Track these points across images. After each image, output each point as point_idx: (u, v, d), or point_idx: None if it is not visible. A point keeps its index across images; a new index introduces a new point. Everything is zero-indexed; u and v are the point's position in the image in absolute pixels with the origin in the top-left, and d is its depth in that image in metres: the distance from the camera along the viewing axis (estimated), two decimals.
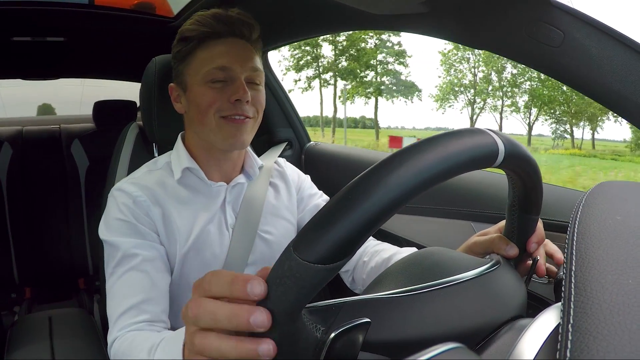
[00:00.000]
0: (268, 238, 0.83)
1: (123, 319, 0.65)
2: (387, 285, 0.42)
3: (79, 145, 1.81)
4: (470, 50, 18.63)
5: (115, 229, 0.71)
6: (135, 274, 0.68)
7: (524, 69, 18.26)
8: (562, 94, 19.76)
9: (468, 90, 21.18)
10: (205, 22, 0.74)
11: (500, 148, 0.36)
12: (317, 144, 1.60)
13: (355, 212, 0.29)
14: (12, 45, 1.49)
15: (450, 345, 0.28)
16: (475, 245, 0.56)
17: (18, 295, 1.82)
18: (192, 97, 0.75)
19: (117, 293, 0.68)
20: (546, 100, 20.22)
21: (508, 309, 0.42)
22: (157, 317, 0.67)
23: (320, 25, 1.17)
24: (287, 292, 0.30)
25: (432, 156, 0.31)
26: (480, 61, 20.42)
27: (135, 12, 1.40)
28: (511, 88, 20.46)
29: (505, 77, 20.52)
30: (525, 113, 20.75)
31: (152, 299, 0.67)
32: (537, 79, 19.47)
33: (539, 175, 0.44)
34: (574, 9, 0.60)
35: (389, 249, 0.79)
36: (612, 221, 0.33)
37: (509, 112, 21.27)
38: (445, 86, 21.09)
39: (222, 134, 0.74)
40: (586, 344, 0.23)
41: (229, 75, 0.73)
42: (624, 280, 0.26)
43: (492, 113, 21.04)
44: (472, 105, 21.33)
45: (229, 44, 0.74)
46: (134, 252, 0.69)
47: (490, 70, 20.31)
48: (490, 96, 20.65)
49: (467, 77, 21.06)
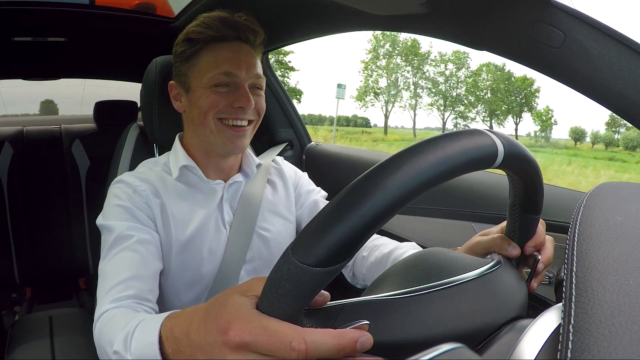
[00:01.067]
0: (265, 235, 0.83)
1: (110, 294, 0.62)
2: (387, 286, 0.42)
3: (79, 146, 1.81)
4: (389, 59, 26.45)
5: (112, 214, 0.71)
6: (127, 253, 0.67)
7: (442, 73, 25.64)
8: (471, 94, 26.61)
9: (384, 93, 28.04)
10: (212, 24, 0.74)
11: (500, 149, 0.36)
12: (318, 144, 1.60)
13: (354, 215, 0.29)
14: (12, 46, 1.49)
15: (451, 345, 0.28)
16: (477, 245, 0.56)
17: (19, 295, 1.82)
18: (194, 98, 0.76)
19: (108, 272, 0.66)
20: (453, 100, 27.25)
21: (509, 310, 0.42)
22: (144, 295, 0.64)
23: (321, 26, 1.17)
24: (286, 295, 0.30)
25: (430, 158, 0.31)
26: (393, 69, 26.99)
27: (136, 13, 1.40)
28: (415, 90, 27.62)
29: (419, 82, 27.91)
30: (431, 110, 28.36)
31: (141, 277, 0.66)
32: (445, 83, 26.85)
33: (539, 174, 0.43)
34: (575, 10, 0.60)
35: (388, 243, 0.80)
36: (613, 222, 0.33)
37: (424, 109, 28.72)
38: (362, 89, 27.64)
39: (221, 138, 0.75)
40: (587, 345, 0.23)
41: (234, 82, 0.74)
42: (625, 281, 0.26)
43: (408, 110, 28.79)
44: (387, 104, 28.07)
45: (234, 49, 0.75)
46: (127, 234, 0.68)
47: (397, 76, 27.31)
48: (398, 97, 27.79)
49: (383, 82, 28.23)
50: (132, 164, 0.97)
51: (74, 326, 1.08)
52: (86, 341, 1.02)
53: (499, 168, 0.39)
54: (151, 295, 0.67)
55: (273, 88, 1.58)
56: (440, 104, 28.24)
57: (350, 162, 1.40)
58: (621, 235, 0.31)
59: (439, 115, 27.90)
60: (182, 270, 0.75)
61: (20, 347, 0.97)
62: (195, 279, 0.76)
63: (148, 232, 0.72)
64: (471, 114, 29.25)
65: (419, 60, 28.66)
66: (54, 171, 1.79)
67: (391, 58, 27.84)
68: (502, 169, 0.40)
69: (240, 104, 0.73)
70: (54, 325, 1.05)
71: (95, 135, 1.84)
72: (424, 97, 28.41)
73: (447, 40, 0.81)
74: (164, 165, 0.81)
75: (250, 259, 0.81)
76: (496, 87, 29.03)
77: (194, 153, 0.80)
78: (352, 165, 1.38)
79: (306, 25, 1.21)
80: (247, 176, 0.86)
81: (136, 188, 0.74)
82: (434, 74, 28.31)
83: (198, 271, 0.76)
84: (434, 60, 29.28)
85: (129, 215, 0.71)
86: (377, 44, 27.60)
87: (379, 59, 27.17)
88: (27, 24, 1.35)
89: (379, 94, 27.78)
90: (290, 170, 0.96)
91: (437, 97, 28.50)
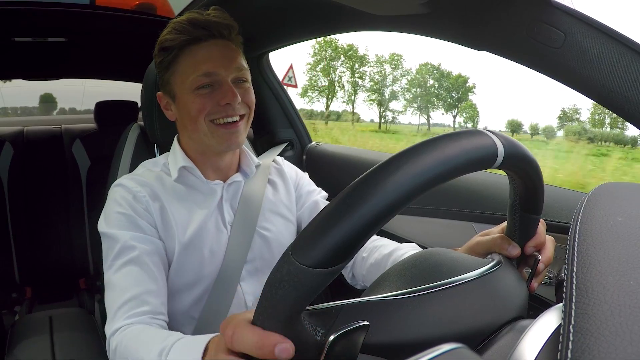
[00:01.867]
0: (266, 235, 0.83)
1: (124, 309, 0.64)
2: (387, 287, 0.42)
3: (80, 146, 1.81)
4: (336, 60, 31.50)
5: (114, 221, 0.72)
6: (134, 268, 0.68)
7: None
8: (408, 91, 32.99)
9: (324, 90, 32.29)
10: (182, 29, 0.74)
11: (500, 149, 0.36)
12: (318, 144, 1.60)
13: (353, 216, 0.29)
14: (13, 46, 1.49)
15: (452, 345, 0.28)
16: (477, 245, 0.56)
17: (19, 295, 1.82)
18: (181, 105, 0.76)
19: (117, 285, 0.67)
20: (390, 96, 33.25)
21: (509, 310, 0.42)
22: (158, 309, 0.67)
23: (321, 26, 1.17)
24: (286, 296, 0.30)
25: (430, 159, 0.31)
26: (331, 70, 32.08)
27: (136, 13, 1.40)
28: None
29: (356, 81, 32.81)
30: (371, 105, 33.42)
31: (153, 292, 0.67)
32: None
33: (539, 174, 0.43)
34: (575, 10, 0.60)
35: (388, 244, 0.80)
36: (613, 222, 0.33)
37: (366, 104, 33.65)
38: (306, 87, 32.12)
39: (215, 138, 0.75)
40: (587, 345, 0.23)
41: (215, 80, 0.74)
42: (625, 281, 0.26)
43: (348, 105, 33.79)
44: (327, 98, 32.12)
45: (210, 48, 0.74)
46: (132, 244, 0.69)
47: (335, 76, 32.19)
48: (335, 94, 32.30)
49: (324, 82, 32.56)
50: (133, 164, 0.97)
51: (74, 326, 1.08)
52: (86, 341, 1.02)
53: (499, 168, 0.39)
54: (163, 308, 0.69)
55: (273, 88, 1.58)
56: (377, 100, 33.01)
57: (351, 162, 1.40)
58: (621, 236, 0.31)
59: (378, 110, 32.91)
60: (183, 271, 0.75)
61: (20, 346, 0.97)
62: (196, 279, 0.76)
63: (151, 242, 0.72)
64: (403, 107, 34.51)
65: (357, 61, 32.88)
66: (54, 171, 1.79)
67: (332, 60, 32.39)
68: (503, 169, 0.40)
69: (226, 101, 0.73)
70: (54, 325, 1.05)
71: (95, 135, 1.84)
72: (360, 94, 33.20)
73: (447, 41, 0.81)
74: (163, 166, 0.81)
75: (252, 259, 0.81)
76: (432, 84, 33.73)
77: (191, 154, 0.81)
78: (353, 166, 1.38)
79: (306, 25, 1.21)
80: (246, 176, 0.86)
81: (136, 194, 0.74)
82: (372, 74, 33.23)
83: (199, 272, 0.76)
84: (369, 62, 33.77)
85: (130, 224, 0.71)
86: (320, 48, 32.15)
87: (322, 62, 31.91)
88: (28, 24, 1.35)
89: (322, 91, 32.00)
90: (291, 170, 0.96)
91: (374, 94, 33.31)
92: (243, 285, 0.80)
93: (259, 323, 0.33)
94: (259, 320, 0.33)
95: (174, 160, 0.80)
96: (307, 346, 0.33)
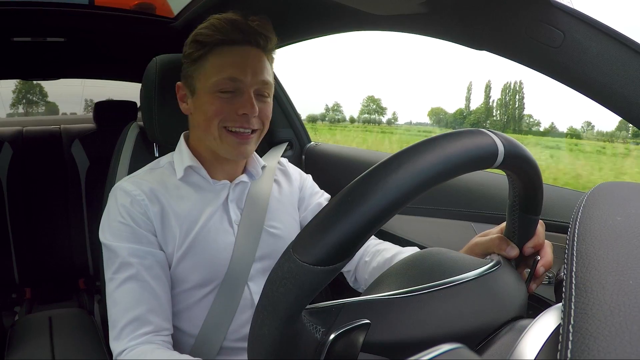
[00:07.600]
0: (275, 232, 0.83)
1: (128, 330, 0.66)
2: (387, 286, 0.42)
3: (79, 146, 1.81)
4: None
5: (114, 232, 0.71)
6: (134, 285, 0.68)
7: None
8: None
9: None
10: (221, 27, 0.72)
11: (500, 149, 0.36)
12: (318, 144, 1.60)
13: (354, 214, 0.29)
14: (12, 46, 1.49)
15: (451, 345, 0.28)
16: (476, 246, 0.56)
17: (18, 296, 1.82)
18: (199, 103, 0.75)
19: (119, 302, 0.68)
20: None
21: (508, 310, 0.42)
22: (161, 326, 0.68)
23: (321, 26, 1.17)
24: (287, 294, 0.30)
25: (430, 158, 0.31)
26: None
27: (135, 13, 1.39)
28: None
29: None
30: None
31: (154, 309, 0.68)
32: None
33: (539, 175, 0.43)
34: (574, 9, 0.60)
35: (390, 248, 0.79)
36: (612, 222, 0.33)
37: None
38: None
39: (224, 145, 0.75)
40: (587, 345, 0.23)
41: (238, 87, 0.73)
42: (625, 280, 0.26)
43: None
44: None
45: (242, 53, 0.73)
46: (130, 262, 0.69)
47: None
48: None
49: None
50: (132, 164, 0.97)
51: (74, 326, 1.08)
52: (86, 341, 1.02)
53: (499, 168, 0.39)
54: (167, 324, 0.70)
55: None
56: None
57: (350, 162, 1.40)
58: (621, 235, 0.31)
59: None
60: (191, 271, 0.74)
61: (20, 347, 0.97)
62: (204, 278, 0.75)
63: (150, 254, 0.71)
64: None
65: None
66: (53, 171, 1.79)
67: None
68: (502, 169, 0.40)
69: (244, 111, 0.72)
70: (53, 326, 1.05)
71: (95, 136, 1.84)
72: None
73: (446, 41, 0.81)
74: (167, 165, 0.80)
75: (261, 257, 0.80)
76: None
77: (200, 154, 0.80)
78: (352, 165, 1.38)
79: (306, 25, 1.20)
80: (253, 177, 0.85)
81: (134, 197, 0.73)
82: None
83: (207, 271, 0.75)
84: None
85: (130, 235, 0.71)
86: None
87: None
88: (27, 24, 1.35)
89: None
90: (295, 172, 0.96)
91: None
92: (251, 286, 0.79)
93: (259, 322, 0.33)
94: (259, 319, 0.33)
95: (179, 159, 0.79)
96: (307, 344, 0.33)
